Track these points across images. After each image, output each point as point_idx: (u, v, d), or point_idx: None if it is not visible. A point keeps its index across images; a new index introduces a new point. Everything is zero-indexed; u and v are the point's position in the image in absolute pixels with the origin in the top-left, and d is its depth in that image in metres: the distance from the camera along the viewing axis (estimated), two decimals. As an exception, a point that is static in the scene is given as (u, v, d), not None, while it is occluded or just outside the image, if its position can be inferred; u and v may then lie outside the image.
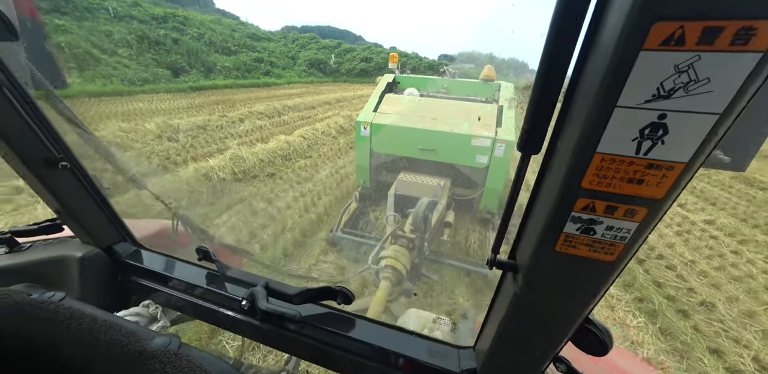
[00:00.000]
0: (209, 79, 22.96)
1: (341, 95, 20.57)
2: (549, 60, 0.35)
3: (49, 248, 0.99)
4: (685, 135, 0.31)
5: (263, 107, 12.99)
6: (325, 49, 42.33)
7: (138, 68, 19.16)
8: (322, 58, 39.49)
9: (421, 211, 2.66)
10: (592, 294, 0.46)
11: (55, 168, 0.82)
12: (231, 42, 31.34)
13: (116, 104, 12.30)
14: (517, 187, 0.48)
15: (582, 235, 0.40)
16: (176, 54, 22.99)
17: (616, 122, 0.31)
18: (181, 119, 9.68)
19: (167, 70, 20.94)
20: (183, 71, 22.36)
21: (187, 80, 21.11)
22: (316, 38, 45.47)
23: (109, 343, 0.45)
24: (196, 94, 17.51)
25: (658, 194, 0.35)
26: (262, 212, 4.92)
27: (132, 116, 10.32)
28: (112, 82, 16.10)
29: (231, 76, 25.70)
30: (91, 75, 16.20)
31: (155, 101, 13.68)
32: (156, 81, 18.84)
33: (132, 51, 20.61)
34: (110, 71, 17.14)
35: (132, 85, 16.86)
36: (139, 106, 12.32)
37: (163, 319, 0.98)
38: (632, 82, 0.29)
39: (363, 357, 0.81)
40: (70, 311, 0.48)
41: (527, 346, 0.60)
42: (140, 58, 20.61)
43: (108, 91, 14.75)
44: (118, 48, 20.06)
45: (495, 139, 3.59)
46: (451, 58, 42.55)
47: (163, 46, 22.95)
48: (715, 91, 0.28)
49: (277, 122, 11.53)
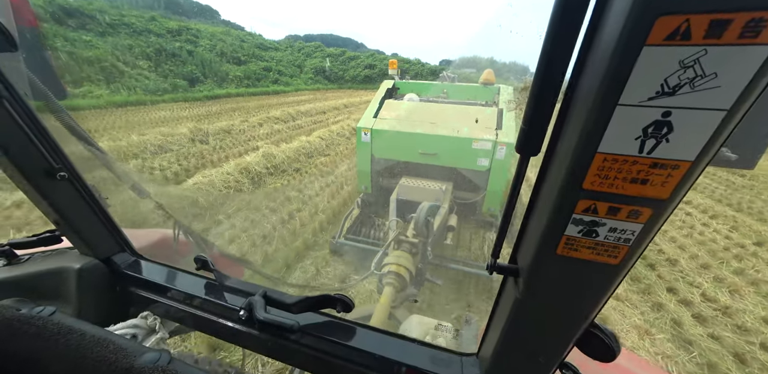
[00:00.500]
0: (222, 88, 24.21)
1: (348, 100, 21.59)
2: (548, 58, 0.34)
3: (47, 260, 0.98)
4: (691, 133, 0.30)
5: (278, 112, 13.96)
6: (330, 57, 43.94)
7: (157, 79, 20.43)
8: (327, 66, 41.01)
9: (422, 215, 2.67)
10: (596, 297, 0.45)
11: (53, 179, 0.81)
12: (240, 52, 32.88)
13: (142, 113, 13.32)
14: (516, 189, 0.46)
15: (584, 238, 0.39)
16: (191, 65, 24.36)
17: (618, 120, 0.30)
18: (206, 124, 10.58)
19: (184, 80, 22.23)
20: (198, 81, 23.72)
21: (202, 90, 22.35)
22: (321, 47, 47.34)
23: (97, 360, 0.44)
24: (211, 102, 18.67)
25: (664, 194, 0.33)
26: (295, 199, 5.78)
27: (160, 123, 11.29)
28: (135, 93, 17.26)
29: (242, 84, 27.14)
30: (116, 87, 17.38)
31: (176, 110, 14.77)
32: (174, 91, 20.04)
33: (151, 63, 21.92)
34: (133, 82, 18.36)
35: (153, 95, 17.99)
36: (162, 114, 13.41)
37: (161, 331, 0.97)
38: (635, 79, 0.28)
39: (364, 367, 0.80)
40: (58, 326, 0.46)
41: (531, 352, 0.58)
42: (159, 70, 21.91)
43: (132, 101, 15.87)
44: (139, 60, 21.35)
45: (496, 141, 3.63)
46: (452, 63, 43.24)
47: (179, 57, 24.30)
48: (722, 87, 0.27)
49: (292, 126, 12.49)
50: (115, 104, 14.95)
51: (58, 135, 0.82)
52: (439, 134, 3.82)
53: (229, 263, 1.50)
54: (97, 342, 0.46)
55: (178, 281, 1.01)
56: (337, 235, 3.98)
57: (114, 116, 12.60)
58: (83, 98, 14.82)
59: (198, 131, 9.57)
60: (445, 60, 55.60)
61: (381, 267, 2.51)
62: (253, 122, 11.90)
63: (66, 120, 0.88)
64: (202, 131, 9.70)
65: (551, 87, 0.35)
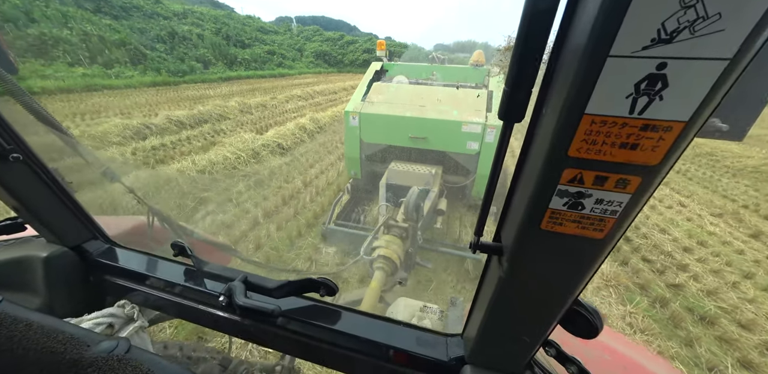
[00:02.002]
0: (233, 71, 25.72)
1: (352, 83, 23.64)
2: (532, 11, 0.30)
3: (10, 249, 0.93)
4: (688, 88, 0.27)
5: (299, 91, 16.32)
6: (329, 41, 44.97)
7: (175, 62, 21.85)
8: (327, 50, 42.26)
9: (412, 200, 2.67)
10: (580, 274, 0.44)
11: (5, 161, 0.76)
12: (244, 36, 34.50)
13: (175, 92, 15.13)
14: (499, 160, 0.44)
15: (569, 210, 0.37)
16: (203, 48, 25.69)
17: (608, 75, 0.28)
18: (243, 100, 12.64)
19: (198, 63, 23.64)
20: (210, 64, 25.07)
21: (215, 72, 23.84)
22: (320, 31, 48.69)
23: (41, 352, 0.41)
24: (226, 83, 20.36)
25: (654, 159, 0.31)
26: (342, 148, 8.06)
27: (200, 100, 13.21)
28: (161, 74, 18.86)
29: (250, 67, 28.57)
30: (143, 68, 18.92)
31: (200, 90, 16.51)
32: (192, 73, 21.58)
33: (166, 46, 23.24)
34: (157, 64, 19.86)
35: (174, 76, 19.61)
36: (192, 93, 15.15)
37: (140, 319, 0.93)
38: (629, 24, 0.25)
39: (350, 350, 0.79)
40: (1, 317, 0.43)
41: (515, 332, 0.58)
42: (174, 53, 23.26)
43: (159, 82, 17.56)
44: (155, 43, 22.66)
45: (485, 124, 3.59)
46: (448, 47, 44.41)
47: (189, 41, 25.54)
48: (726, 30, 0.24)
49: (313, 103, 14.77)
50: (145, 83, 16.66)
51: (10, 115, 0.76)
52: (428, 117, 3.77)
53: (211, 249, 1.45)
54: (45, 333, 0.43)
55: (156, 268, 0.98)
56: (327, 221, 3.97)
57: (156, 94, 14.48)
58: (116, 78, 16.43)
59: (243, 104, 11.67)
60: (440, 44, 55.77)
61: (371, 252, 2.52)
62: (281, 99, 14.21)
63: (21, 98, 0.79)
64: (246, 104, 11.80)
65: (536, 43, 0.32)
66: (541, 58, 0.34)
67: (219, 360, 1.12)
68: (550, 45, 0.33)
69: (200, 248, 1.04)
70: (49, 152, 0.87)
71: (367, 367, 0.79)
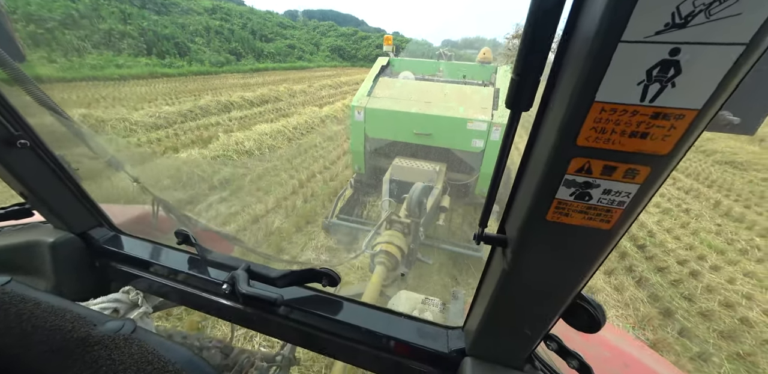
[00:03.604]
0: (261, 63, 28.34)
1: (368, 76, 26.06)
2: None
3: (18, 234, 0.95)
4: (701, 74, 0.26)
5: (329, 81, 18.77)
6: (343, 36, 47.44)
7: (212, 54, 24.42)
8: (341, 45, 44.76)
9: (415, 196, 2.67)
10: (585, 266, 0.43)
11: (13, 147, 0.77)
12: (266, 30, 36.74)
13: (220, 80, 17.53)
14: (505, 150, 0.43)
15: (576, 201, 0.37)
16: (234, 42, 28.19)
17: (620, 61, 0.27)
18: (277, 89, 14.80)
19: (231, 55, 26.23)
20: (241, 56, 27.64)
21: (246, 64, 26.41)
22: (335, 26, 51.43)
23: (50, 329, 0.42)
24: (257, 74, 22.81)
25: (664, 149, 0.31)
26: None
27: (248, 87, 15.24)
28: (204, 65, 21.45)
29: (275, 60, 31.09)
30: (189, 59, 21.53)
31: (239, 79, 18.80)
32: (228, 64, 24.17)
33: (203, 40, 25.79)
34: (200, 56, 22.45)
35: (215, 67, 22.19)
36: (234, 81, 17.40)
37: (144, 305, 0.95)
38: (642, 7, 0.24)
39: (351, 340, 0.80)
40: (10, 295, 0.45)
41: (517, 325, 0.58)
42: (210, 46, 25.82)
43: (203, 71, 20.17)
44: (194, 37, 25.24)
45: (491, 122, 3.58)
46: (456, 44, 46.09)
47: (222, 35, 28.07)
48: (743, 14, 0.23)
49: (342, 91, 17.18)
50: (192, 72, 19.27)
51: (18, 102, 0.77)
52: (433, 113, 3.76)
53: (215, 239, 1.47)
54: (53, 312, 0.44)
55: (160, 255, 1.00)
56: (329, 215, 4.00)
57: (204, 81, 16.94)
58: (170, 67, 19.02)
59: (290, 90, 14.24)
60: (448, 40, 56.91)
61: (373, 246, 2.54)
62: (316, 87, 16.74)
63: (28, 87, 0.80)
64: (292, 90, 14.38)
65: (545, 28, 0.32)
66: (551, 45, 0.33)
67: (221, 349, 1.14)
68: (560, 31, 0.33)
69: (204, 237, 1.05)
70: (59, 140, 0.89)
71: (367, 357, 0.80)
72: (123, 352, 0.41)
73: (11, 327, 0.42)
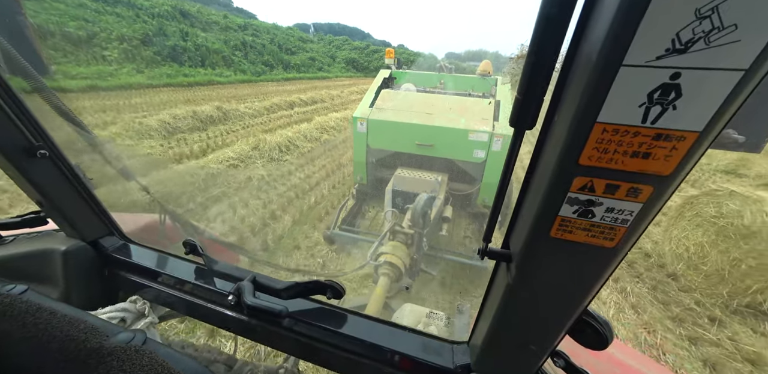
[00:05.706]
0: (288, 73, 32.32)
1: (384, 85, 29.97)
2: (546, 19, 0.31)
3: (32, 242, 0.97)
4: (702, 98, 0.27)
5: (355, 88, 22.45)
6: (357, 49, 52.06)
7: (250, 65, 28.20)
8: (355, 57, 49.19)
9: (419, 207, 2.68)
10: (590, 283, 0.43)
11: (33, 157, 0.79)
12: (290, 44, 40.92)
13: (263, 87, 20.90)
14: (509, 167, 0.44)
15: (579, 218, 0.37)
16: (267, 55, 32.19)
17: (621, 84, 0.28)
18: (318, 93, 18.08)
19: (265, 66, 30.11)
20: (273, 67, 31.58)
21: (277, 74, 30.29)
22: (348, 40, 56.69)
23: (65, 339, 0.43)
24: (288, 83, 26.56)
25: (666, 169, 0.31)
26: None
27: (293, 92, 18.46)
28: (246, 74, 25.15)
29: (300, 71, 35.23)
30: (234, 70, 25.28)
31: (275, 86, 22.23)
32: (264, 73, 27.95)
33: (242, 53, 29.68)
34: (243, 67, 26.21)
35: (254, 76, 25.91)
36: (274, 88, 20.83)
37: (151, 315, 0.96)
38: (643, 33, 0.25)
39: (355, 354, 0.80)
40: (27, 305, 0.45)
41: (523, 340, 0.57)
42: (248, 58, 29.70)
43: (245, 80, 23.98)
44: (235, 51, 29.15)
45: (492, 133, 3.61)
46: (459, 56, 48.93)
47: (255, 49, 32.04)
48: (742, 41, 0.24)
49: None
50: (238, 81, 22.92)
51: (39, 113, 0.80)
52: (435, 124, 3.81)
53: (221, 249, 1.48)
54: (68, 322, 0.45)
55: (168, 265, 1.01)
56: (331, 226, 4.00)
57: (249, 88, 20.20)
58: (219, 76, 22.65)
59: (329, 95, 17.77)
60: (451, 52, 60.74)
61: (377, 257, 2.53)
62: (347, 93, 20.09)
63: (49, 97, 0.83)
64: (331, 94, 17.92)
65: (549, 51, 0.33)
66: (554, 67, 0.34)
67: (224, 361, 1.14)
68: (563, 53, 0.33)
69: (210, 246, 1.07)
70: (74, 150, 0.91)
71: (371, 372, 0.79)
72: (134, 364, 0.41)
73: (29, 337, 0.42)
